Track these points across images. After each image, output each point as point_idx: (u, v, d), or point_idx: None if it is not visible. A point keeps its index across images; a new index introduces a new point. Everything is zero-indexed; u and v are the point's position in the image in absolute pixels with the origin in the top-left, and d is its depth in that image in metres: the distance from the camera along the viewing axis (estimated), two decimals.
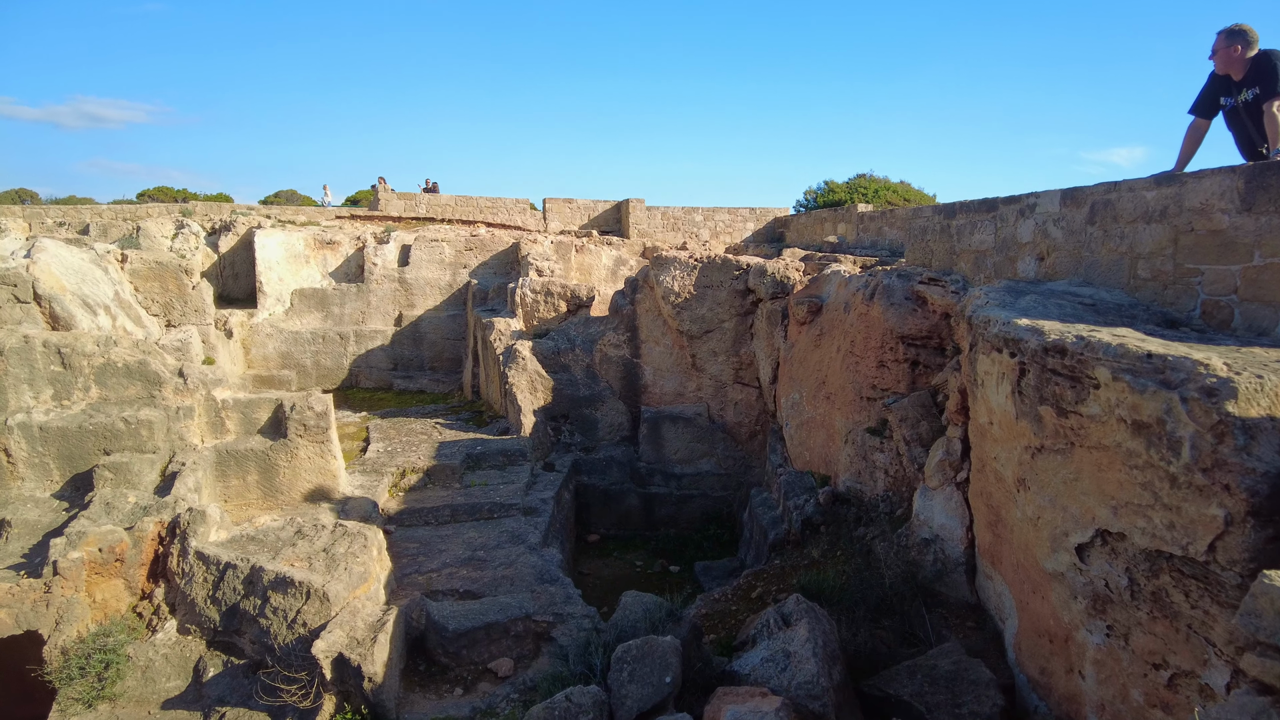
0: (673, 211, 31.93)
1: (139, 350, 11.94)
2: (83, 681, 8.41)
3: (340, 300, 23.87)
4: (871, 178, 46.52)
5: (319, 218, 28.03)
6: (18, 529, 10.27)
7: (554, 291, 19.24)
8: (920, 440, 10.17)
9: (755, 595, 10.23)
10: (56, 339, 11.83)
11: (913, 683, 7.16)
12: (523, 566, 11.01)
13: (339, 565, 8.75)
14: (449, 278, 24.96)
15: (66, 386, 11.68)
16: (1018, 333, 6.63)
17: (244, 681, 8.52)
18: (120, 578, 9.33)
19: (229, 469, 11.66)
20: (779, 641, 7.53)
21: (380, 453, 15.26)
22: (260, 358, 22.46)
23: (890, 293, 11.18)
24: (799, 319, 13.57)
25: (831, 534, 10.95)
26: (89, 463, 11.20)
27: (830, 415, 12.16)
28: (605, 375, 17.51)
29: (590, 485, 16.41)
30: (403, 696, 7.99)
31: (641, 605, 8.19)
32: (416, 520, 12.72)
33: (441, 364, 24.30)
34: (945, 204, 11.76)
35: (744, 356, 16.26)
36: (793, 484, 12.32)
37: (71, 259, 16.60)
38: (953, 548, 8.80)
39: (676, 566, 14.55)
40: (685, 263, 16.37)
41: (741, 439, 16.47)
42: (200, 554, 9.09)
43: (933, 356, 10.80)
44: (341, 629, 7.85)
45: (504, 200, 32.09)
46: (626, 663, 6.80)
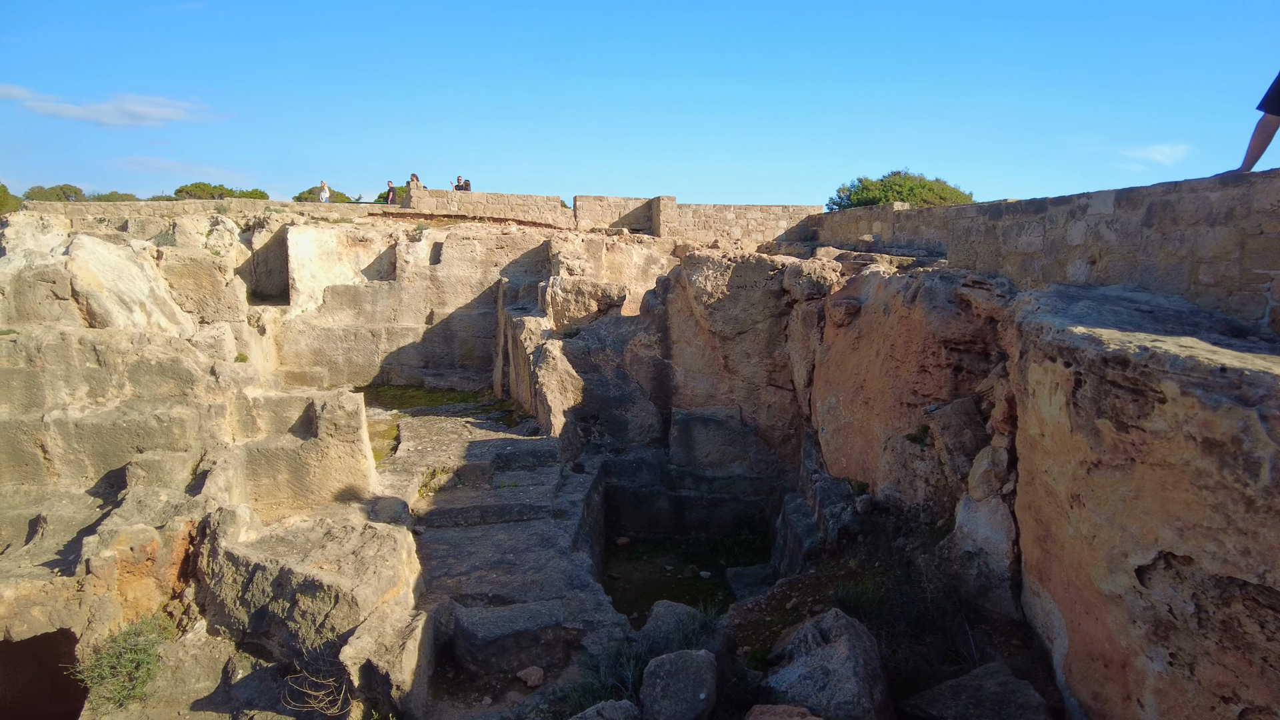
0: (704, 209, 31.64)
1: (172, 348, 11.98)
2: (114, 680, 8.41)
3: (372, 298, 23.94)
4: (906, 175, 45.79)
5: (351, 215, 28.17)
6: (53, 525, 10.34)
7: (585, 290, 19.08)
8: (963, 449, 9.83)
9: (790, 606, 9.98)
10: (92, 336, 11.92)
11: (957, 704, 6.88)
12: (552, 571, 10.86)
13: (368, 569, 8.65)
14: (480, 275, 24.93)
15: (101, 384, 11.75)
16: (1073, 341, 6.31)
17: (272, 685, 8.47)
18: (151, 577, 9.33)
19: (259, 468, 11.65)
20: (817, 658, 7.28)
21: (411, 452, 15.21)
22: (293, 354, 22.60)
23: (932, 295, 10.84)
24: (836, 321, 13.26)
25: (869, 544, 10.65)
26: (122, 460, 11.26)
27: (868, 421, 11.84)
28: (636, 376, 17.31)
29: (620, 487, 16.23)
30: (431, 704, 7.86)
31: (674, 616, 7.99)
32: (446, 521, 12.63)
33: (472, 362, 24.27)
34: (990, 203, 11.39)
35: (778, 358, 15.97)
36: (829, 491, 12.02)
37: (108, 255, 16.77)
38: (997, 562, 8.47)
39: (707, 572, 14.32)
40: (718, 262, 16.11)
41: (774, 443, 16.18)
42: (230, 554, 9.06)
43: (976, 362, 10.45)
44: (370, 635, 7.74)
45: (535, 198, 32.03)
46: (660, 678, 6.60)
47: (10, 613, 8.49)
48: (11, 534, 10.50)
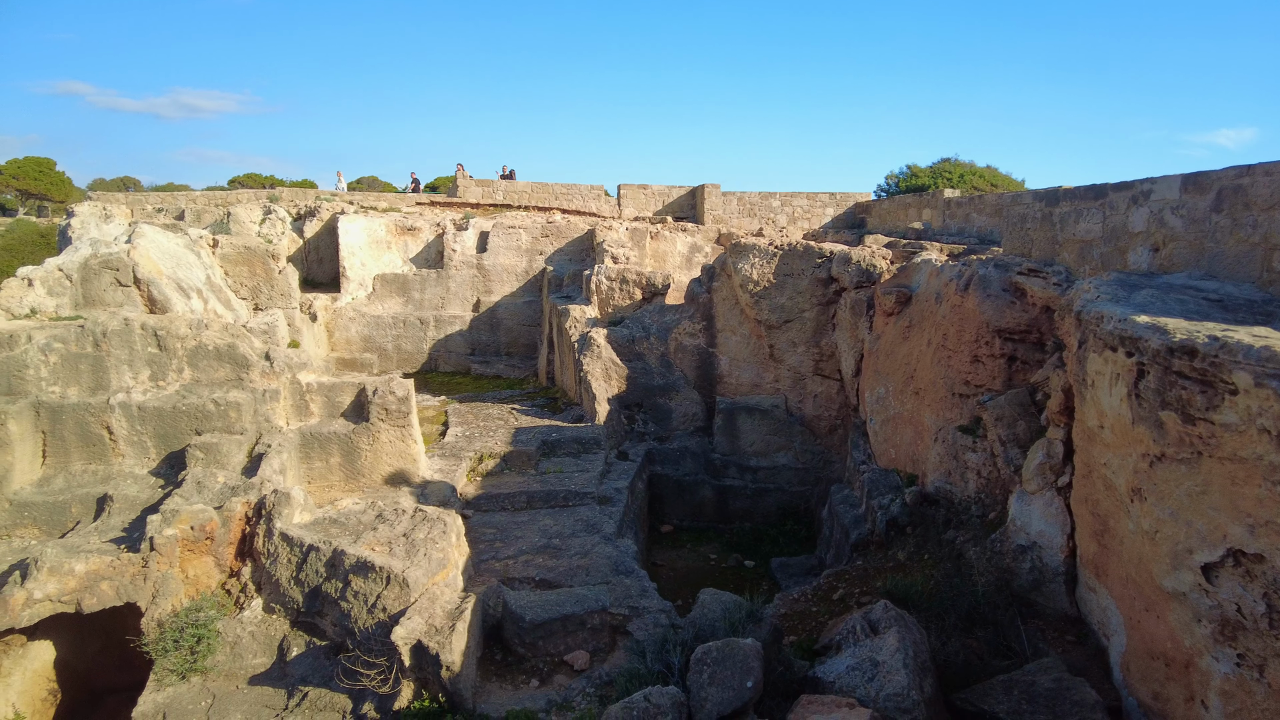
0: (749, 197, 31.34)
1: (228, 334, 12.28)
2: (177, 654, 8.69)
3: (420, 285, 24.26)
4: (956, 162, 44.78)
5: (400, 204, 28.54)
6: (119, 504, 10.71)
7: (629, 279, 19.07)
8: (1017, 441, 9.63)
9: (837, 597, 9.89)
10: (154, 322, 12.27)
11: (1009, 699, 6.76)
12: (598, 557, 10.93)
13: (418, 551, 8.80)
14: (525, 264, 25.08)
15: (162, 368, 12.11)
16: (1136, 330, 6.12)
17: (325, 663, 8.67)
18: (210, 555, 9.61)
19: (312, 451, 11.92)
20: (866, 649, 7.21)
21: (459, 437, 15.41)
22: (343, 341, 23.03)
23: (986, 283, 10.61)
24: (886, 310, 13.05)
25: (918, 536, 10.50)
26: (182, 442, 11.60)
27: (919, 411, 11.66)
28: (680, 364, 17.27)
29: (663, 475, 16.24)
30: (479, 685, 7.98)
31: (720, 604, 7.99)
32: (493, 506, 12.78)
33: (517, 349, 24.47)
34: (1047, 190, 11.09)
35: (825, 348, 15.78)
36: (877, 482, 11.88)
37: (167, 244, 17.24)
38: (1051, 556, 8.29)
39: (751, 561, 14.28)
40: (765, 250, 15.96)
41: (821, 433, 16.03)
42: (285, 535, 9.28)
43: (1031, 352, 10.21)
44: (420, 616, 7.88)
45: (579, 186, 32.09)
46: (706, 665, 6.60)
47: (81, 586, 8.83)
48: (80, 511, 10.90)
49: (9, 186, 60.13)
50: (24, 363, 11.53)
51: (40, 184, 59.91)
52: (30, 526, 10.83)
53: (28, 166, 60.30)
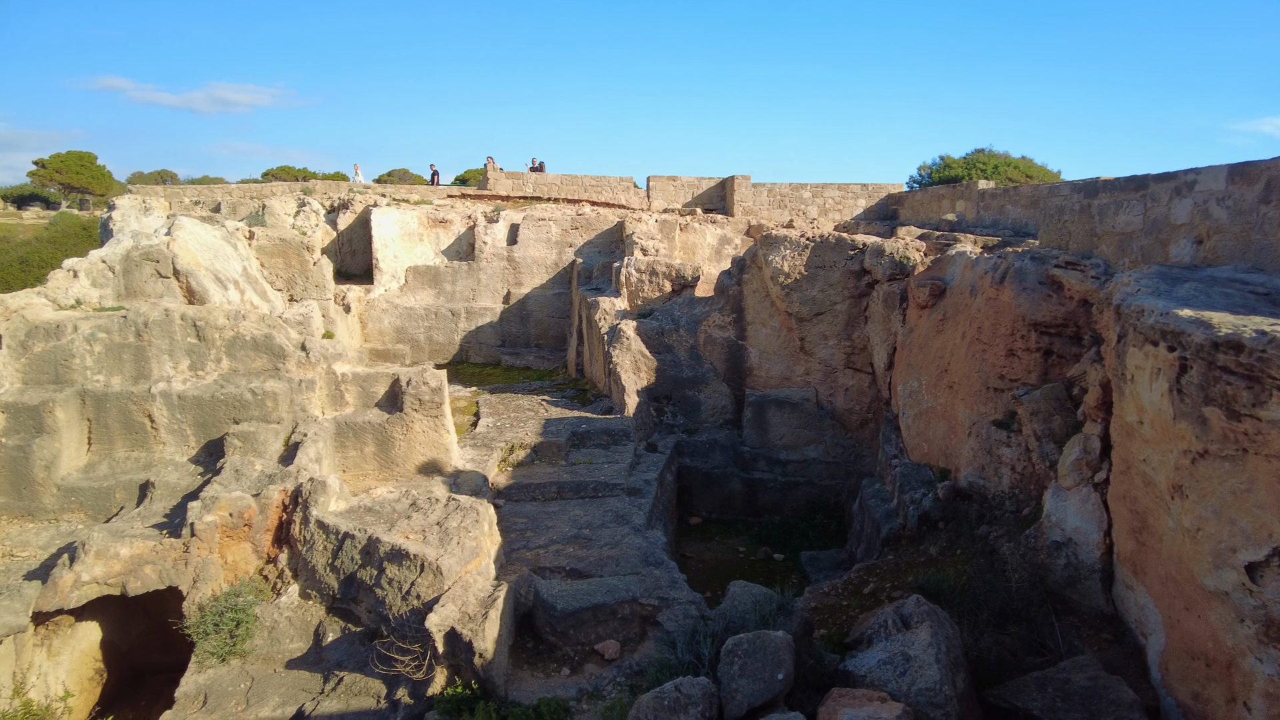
0: (779, 188, 31.16)
1: (265, 324, 12.50)
2: (217, 637, 8.91)
3: (452, 278, 24.46)
4: (991, 153, 44.10)
5: (431, 196, 28.77)
6: (160, 490, 10.97)
7: (659, 271, 19.07)
8: (1052, 436, 9.50)
9: (868, 591, 9.85)
10: (193, 313, 12.52)
11: (1043, 696, 6.69)
12: (628, 547, 10.98)
13: (452, 539, 8.91)
14: (555, 256, 25.18)
15: (201, 358, 12.36)
16: (1179, 324, 6.01)
17: (360, 648, 8.83)
18: (248, 542, 9.81)
19: (347, 440, 12.10)
20: (897, 643, 7.18)
21: (490, 428, 15.55)
22: (376, 332, 23.31)
23: (1022, 276, 10.46)
24: (919, 302, 12.92)
25: (951, 531, 10.42)
26: (220, 430, 11.85)
27: (952, 405, 11.54)
28: (709, 356, 17.25)
29: (692, 467, 16.25)
30: (511, 673, 8.08)
31: (751, 596, 7.99)
32: (524, 496, 12.89)
33: (547, 341, 24.60)
34: (1085, 181, 10.90)
35: (856, 340, 15.67)
36: (909, 476, 11.79)
37: (205, 236, 17.57)
38: (1087, 553, 8.18)
39: (780, 554, 14.26)
40: (796, 242, 15.87)
41: (851, 426, 15.93)
42: (321, 523, 9.45)
43: (1068, 346, 10.07)
44: (454, 604, 7.99)
45: (608, 178, 32.11)
46: (737, 656, 6.62)
47: (126, 570, 9.07)
48: (124, 497, 11.19)
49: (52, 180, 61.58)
50: (70, 352, 11.85)
51: (82, 177, 61.30)
52: (77, 511, 11.13)
53: (70, 160, 61.71)
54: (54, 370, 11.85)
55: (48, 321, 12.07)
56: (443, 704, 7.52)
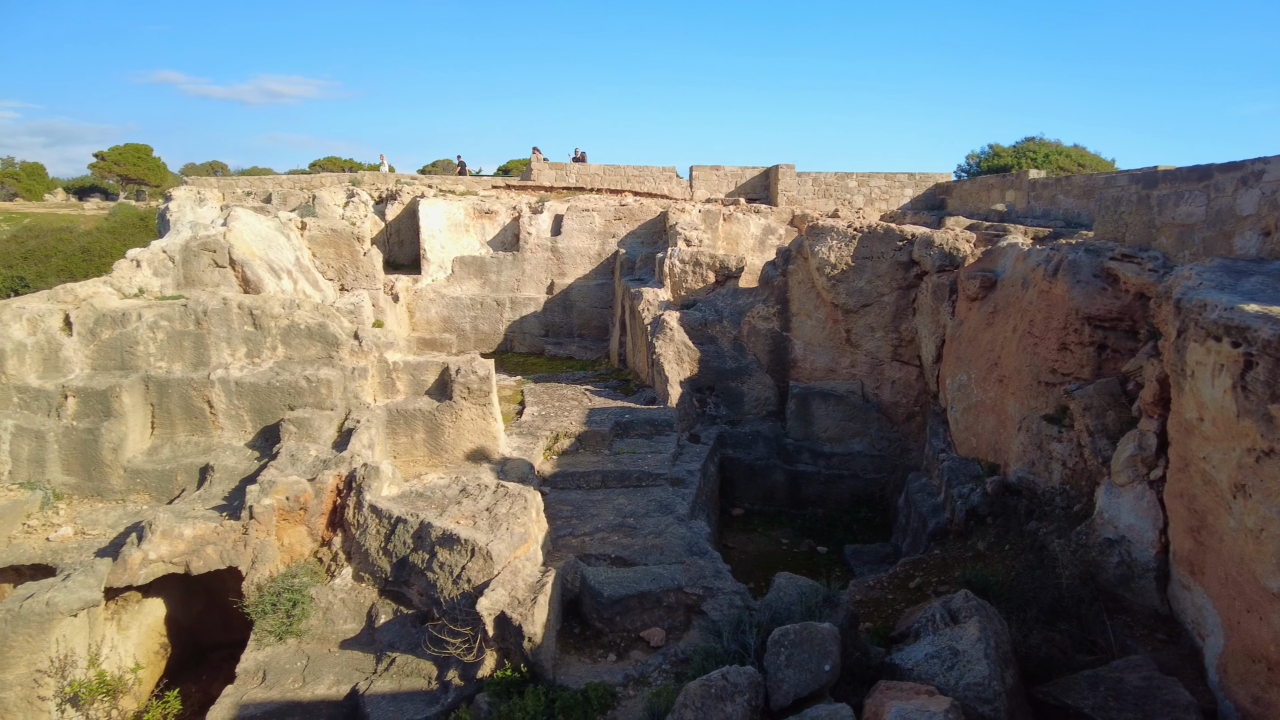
0: (824, 177, 30.81)
1: (319, 313, 12.81)
2: (274, 616, 9.21)
3: (497, 268, 24.74)
4: (1041, 141, 43.02)
5: (476, 187, 29.07)
6: (219, 474, 11.34)
7: (702, 262, 19.06)
8: (1106, 432, 9.34)
9: (913, 585, 9.81)
10: (249, 301, 12.88)
11: (1095, 695, 6.63)
12: (672, 537, 11.07)
13: (501, 525, 9.08)
14: (598, 247, 25.30)
15: (257, 345, 12.72)
16: (1244, 319, 5.88)
17: (411, 630, 9.05)
18: (304, 525, 10.11)
19: (398, 427, 12.37)
20: (945, 638, 7.16)
21: (535, 416, 15.75)
22: (423, 321, 23.70)
23: (1076, 269, 10.27)
24: (969, 294, 12.75)
25: (999, 526, 10.30)
26: (275, 416, 12.19)
27: (1002, 399, 11.39)
28: (753, 348, 17.22)
29: (735, 459, 16.26)
30: (559, 657, 8.22)
31: (796, 588, 8.00)
32: (569, 484, 13.05)
33: (589, 331, 24.76)
34: (1143, 170, 10.65)
35: (904, 333, 15.50)
36: (956, 471, 11.67)
37: (260, 226, 18.01)
38: (1141, 551, 8.05)
39: (824, 547, 14.22)
40: (843, 232, 15.73)
41: (897, 420, 15.79)
42: (374, 507, 9.69)
43: (1123, 340, 9.87)
44: (503, 588, 8.15)
45: (650, 169, 32.06)
46: (784, 647, 6.66)
47: (189, 550, 9.43)
48: (185, 480, 11.60)
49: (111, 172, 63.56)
50: (135, 339, 12.29)
51: (138, 169, 63.15)
52: (141, 492, 11.57)
53: (128, 153, 63.59)
54: (120, 356, 12.31)
55: (114, 310, 12.52)
56: (493, 686, 7.69)
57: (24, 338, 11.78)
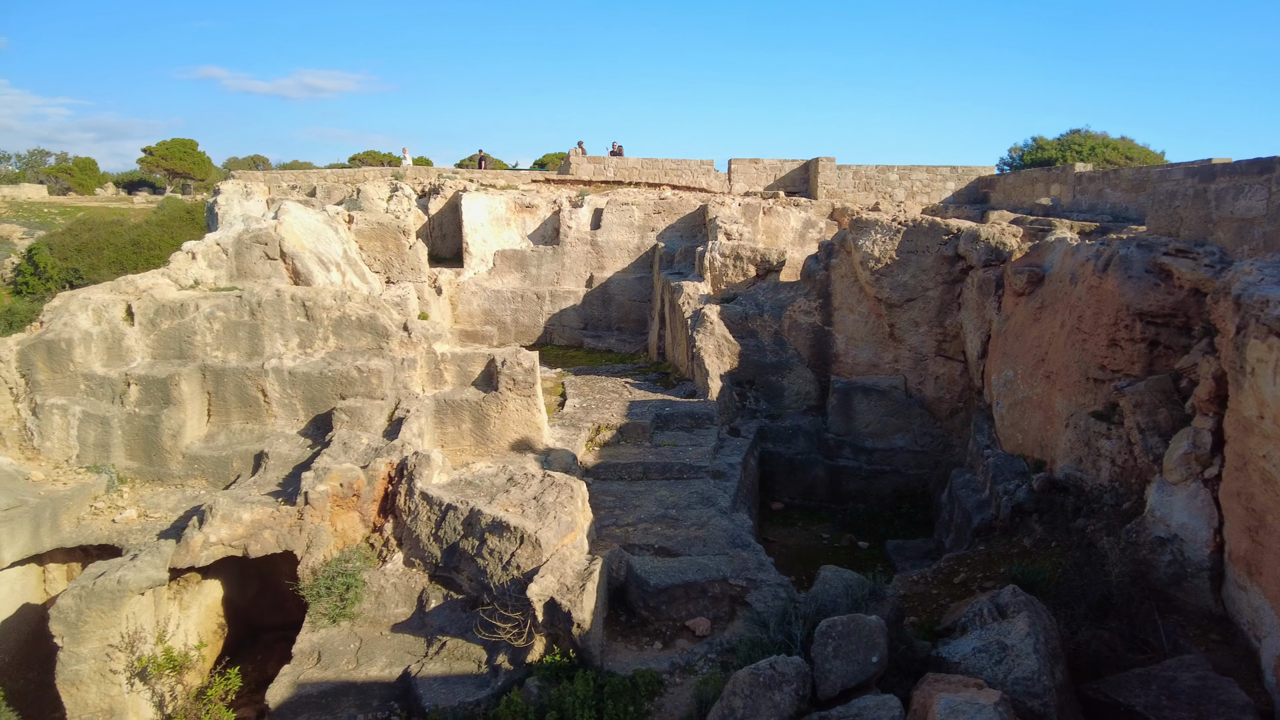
0: (865, 170, 30.57)
1: (369, 305, 13.09)
2: (328, 599, 9.48)
3: (537, 261, 24.98)
4: (1087, 134, 42.19)
5: (517, 181, 29.33)
6: (273, 460, 11.67)
7: (743, 255, 19.06)
8: (1157, 429, 9.23)
9: (958, 581, 9.80)
10: (301, 293, 13.20)
11: (1146, 693, 6.59)
12: (714, 529, 11.16)
13: (548, 514, 9.25)
14: (637, 240, 25.40)
15: (309, 336, 13.03)
16: None
17: (461, 615, 9.27)
18: (356, 511, 10.38)
19: (445, 417, 12.61)
20: (993, 632, 7.17)
21: (576, 408, 15.92)
22: (465, 314, 24.03)
23: (1128, 264, 10.14)
24: (1016, 289, 12.63)
25: (1046, 523, 10.24)
26: (327, 405, 12.50)
27: (1049, 396, 11.29)
28: (794, 342, 17.20)
29: (775, 453, 16.29)
30: (606, 644, 8.37)
31: (842, 581, 8.06)
32: (611, 475, 13.21)
33: (628, 325, 24.89)
34: (1199, 163, 10.47)
35: (948, 328, 15.38)
36: (1002, 467, 11.60)
37: (309, 219, 18.40)
38: (1195, 550, 7.96)
39: (865, 543, 14.21)
40: (887, 226, 15.65)
41: (941, 415, 15.68)
42: (425, 494, 9.92)
43: (1176, 337, 9.73)
44: (552, 575, 8.32)
45: (688, 162, 32.06)
46: (831, 638, 6.72)
47: (248, 533, 9.74)
48: (240, 466, 11.96)
49: (158, 166, 65.19)
50: (192, 329, 12.67)
51: (184, 164, 64.67)
52: (199, 477, 11.96)
53: (174, 148, 65.14)
54: (178, 346, 12.71)
55: (172, 300, 12.93)
56: (542, 670, 7.87)
57: (90, 327, 12.22)
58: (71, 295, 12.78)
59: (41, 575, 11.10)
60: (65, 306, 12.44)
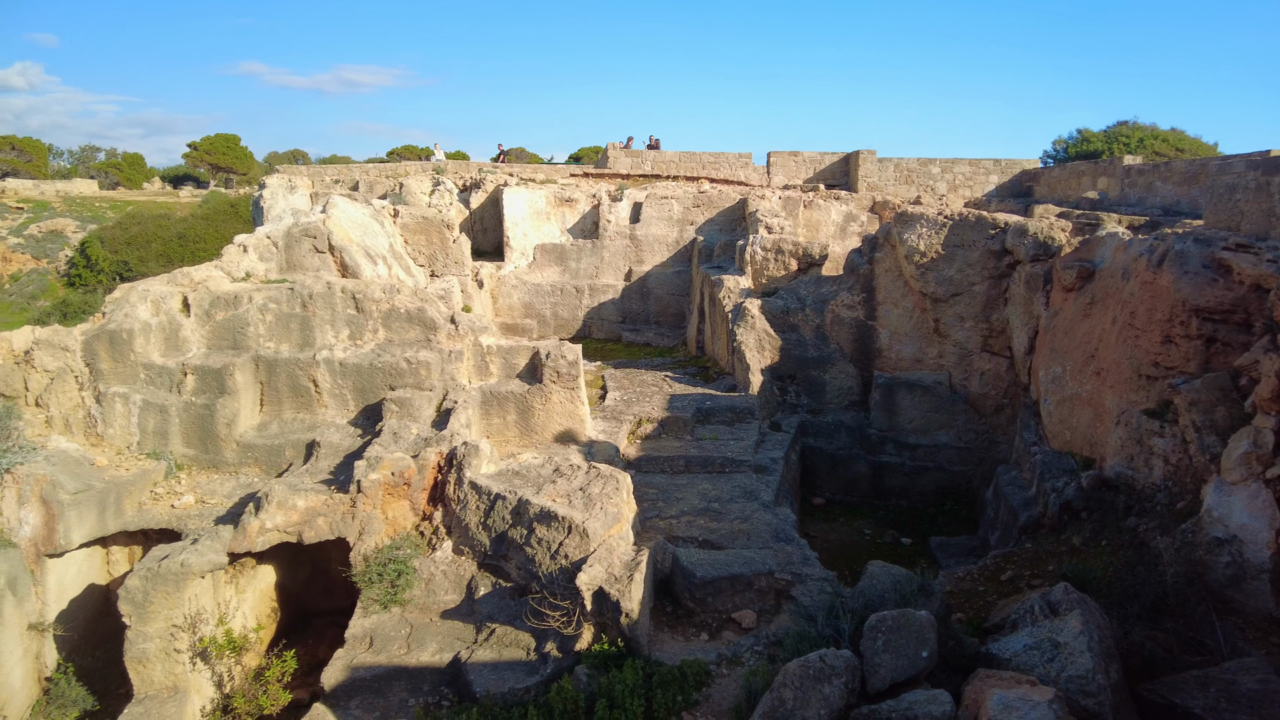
0: (906, 163, 30.25)
1: (418, 298, 13.31)
2: (380, 585, 9.68)
3: (577, 255, 25.14)
4: (1135, 125, 41.18)
5: (555, 176, 29.52)
6: (325, 449, 11.92)
7: (785, 249, 19.00)
8: (1214, 428, 9.06)
9: (1005, 578, 9.73)
10: (351, 286, 13.45)
11: (1205, 696, 6.52)
12: (758, 523, 11.20)
13: (595, 504, 9.35)
14: (676, 234, 25.44)
15: (359, 328, 13.29)
16: None
17: (510, 603, 9.42)
18: (407, 500, 10.57)
19: (491, 408, 12.79)
20: (1045, 630, 7.12)
21: (617, 401, 16.03)
22: (506, 307, 24.29)
23: (1184, 259, 9.96)
24: (1065, 285, 12.45)
25: (1095, 522, 10.12)
26: (377, 396, 12.74)
27: (1099, 393, 11.13)
28: (836, 337, 17.13)
29: (816, 448, 16.25)
30: (653, 634, 8.46)
31: (890, 576, 8.05)
32: (653, 468, 13.30)
33: (666, 319, 24.96)
34: (1261, 154, 10.23)
35: (995, 323, 15.19)
36: (1049, 464, 11.47)
37: (355, 214, 18.72)
38: (1255, 552, 7.82)
39: (908, 539, 14.14)
40: (933, 220, 15.49)
41: (986, 412, 15.51)
42: (474, 484, 10.09)
43: (1235, 334, 9.54)
44: (600, 564, 8.42)
45: (726, 155, 31.99)
46: (881, 632, 6.73)
47: (302, 520, 9.99)
48: (292, 454, 12.25)
49: (202, 161, 66.57)
50: (246, 320, 12.99)
51: (228, 158, 65.94)
52: (253, 465, 12.27)
53: (218, 143, 66.44)
54: (232, 336, 13.04)
55: (226, 292, 13.26)
56: (591, 659, 7.97)
57: (149, 318, 12.58)
58: (131, 287, 13.17)
59: (105, 557, 11.51)
60: (125, 298, 12.82)
